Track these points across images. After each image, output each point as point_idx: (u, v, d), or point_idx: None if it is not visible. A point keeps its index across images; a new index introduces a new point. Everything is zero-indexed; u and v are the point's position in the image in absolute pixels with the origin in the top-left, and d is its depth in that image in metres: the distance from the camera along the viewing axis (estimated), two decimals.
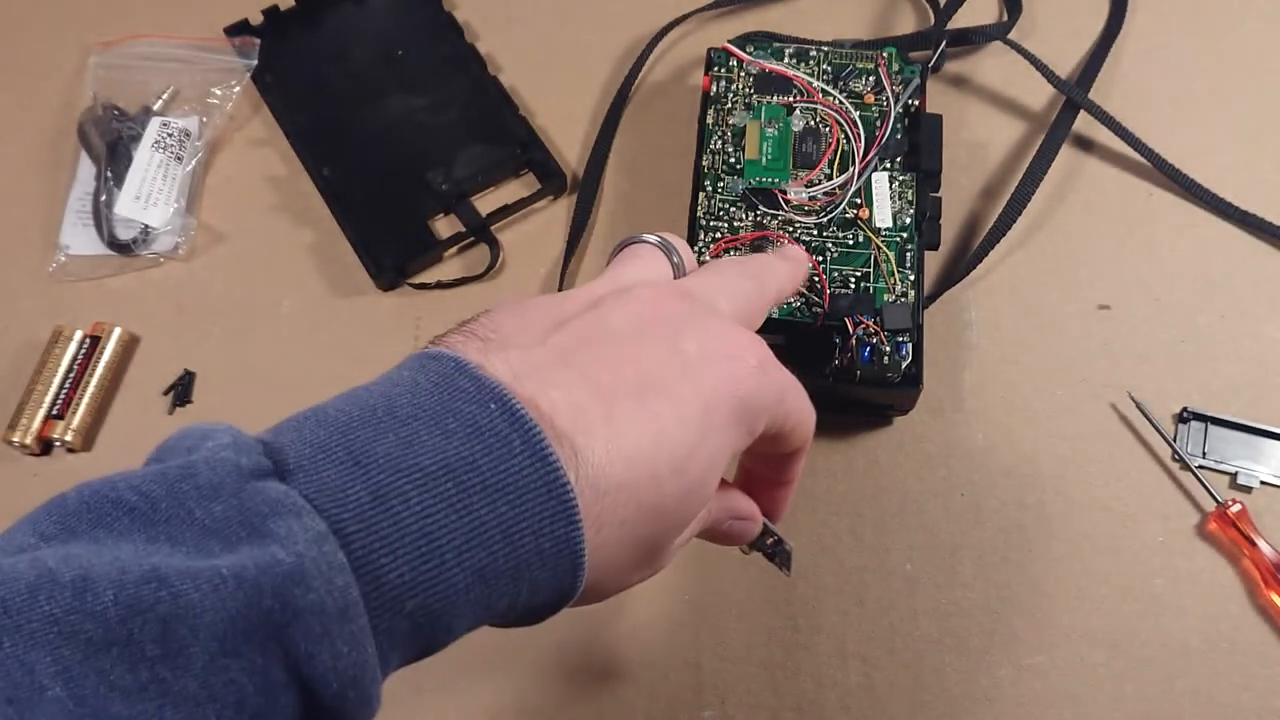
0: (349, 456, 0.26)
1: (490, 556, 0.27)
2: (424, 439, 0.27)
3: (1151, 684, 0.53)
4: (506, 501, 0.27)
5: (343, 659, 0.25)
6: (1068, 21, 0.67)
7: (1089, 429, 0.58)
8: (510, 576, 0.28)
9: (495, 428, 0.28)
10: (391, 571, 0.26)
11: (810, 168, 0.57)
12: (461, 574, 0.27)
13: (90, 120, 0.65)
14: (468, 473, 0.27)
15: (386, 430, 0.27)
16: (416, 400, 0.28)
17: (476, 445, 0.27)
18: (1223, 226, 0.62)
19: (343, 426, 0.27)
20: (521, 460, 0.27)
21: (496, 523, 0.27)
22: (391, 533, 0.26)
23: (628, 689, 0.54)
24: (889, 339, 0.54)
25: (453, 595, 0.27)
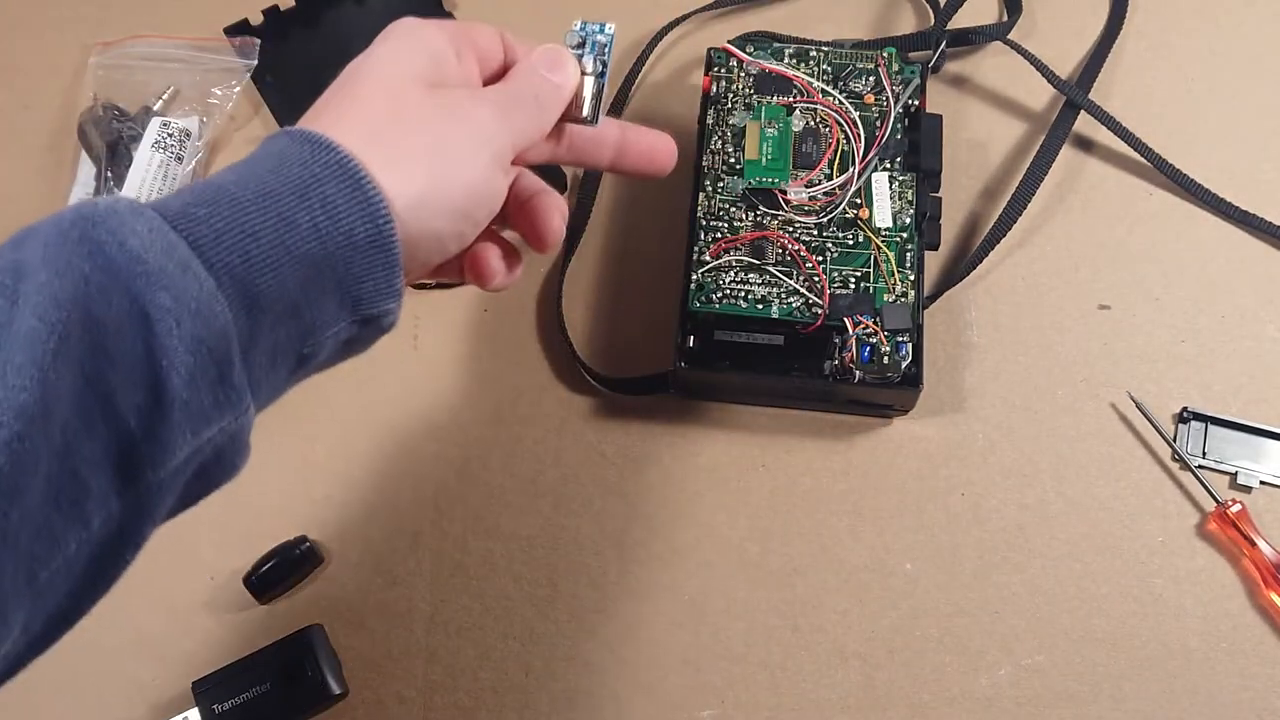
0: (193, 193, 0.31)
1: (273, 178, 0.31)
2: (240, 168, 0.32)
3: (1151, 684, 0.53)
4: (284, 163, 0.32)
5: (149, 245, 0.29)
6: (1068, 21, 0.67)
7: (1089, 429, 0.58)
8: (295, 192, 0.31)
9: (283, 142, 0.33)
10: (202, 223, 0.30)
11: (810, 168, 0.57)
12: (249, 196, 0.31)
13: (90, 120, 0.65)
14: (263, 164, 0.32)
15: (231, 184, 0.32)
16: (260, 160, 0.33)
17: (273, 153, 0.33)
18: (1223, 226, 0.62)
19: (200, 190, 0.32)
20: (297, 146, 0.32)
21: (273, 166, 0.32)
22: (198, 209, 0.30)
23: (628, 689, 0.54)
24: (889, 339, 0.54)
25: (245, 216, 0.30)
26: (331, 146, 0.32)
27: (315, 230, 0.31)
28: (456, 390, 0.59)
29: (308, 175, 0.31)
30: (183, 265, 0.29)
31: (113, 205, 0.29)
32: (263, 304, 0.30)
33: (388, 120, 0.34)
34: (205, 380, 0.29)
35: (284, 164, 0.32)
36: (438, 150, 0.34)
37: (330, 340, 0.33)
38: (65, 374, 0.26)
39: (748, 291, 0.56)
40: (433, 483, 0.58)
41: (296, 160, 0.32)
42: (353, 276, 0.32)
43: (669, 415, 0.59)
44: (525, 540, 0.57)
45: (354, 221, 0.31)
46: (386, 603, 0.56)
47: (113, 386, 0.27)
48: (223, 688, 0.52)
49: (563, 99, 0.38)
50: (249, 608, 0.55)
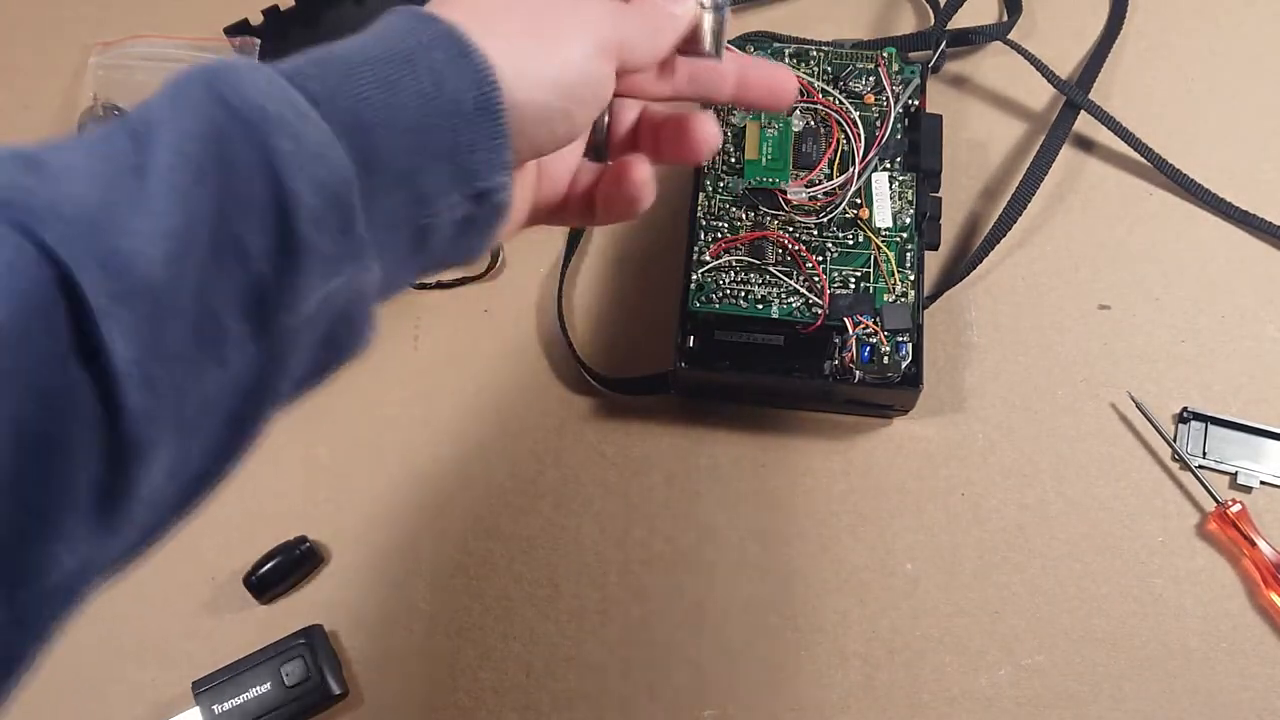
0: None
1: (381, 46, 0.32)
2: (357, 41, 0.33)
3: (1151, 684, 0.53)
4: (392, 32, 0.33)
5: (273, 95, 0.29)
6: (1068, 21, 0.67)
7: (1089, 429, 0.58)
8: (403, 58, 0.32)
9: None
10: (314, 80, 0.31)
11: (810, 168, 0.57)
12: (358, 60, 0.32)
13: (90, 120, 0.64)
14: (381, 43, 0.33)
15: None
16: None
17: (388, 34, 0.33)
18: (1223, 226, 0.62)
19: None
20: (405, 18, 0.33)
21: (382, 35, 0.33)
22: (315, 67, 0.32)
23: (628, 689, 0.54)
24: (889, 339, 0.54)
25: (355, 78, 0.31)
26: (437, 18, 0.33)
27: (422, 96, 0.31)
28: (456, 390, 0.59)
29: (414, 43, 0.32)
30: (301, 114, 0.29)
31: (230, 62, 0.30)
32: (375, 163, 0.30)
33: (494, 1, 0.34)
34: (330, 224, 0.29)
35: (392, 33, 0.33)
36: (540, 24, 0.34)
37: (447, 215, 0.33)
38: (202, 208, 0.27)
39: (748, 291, 0.56)
40: (433, 483, 0.58)
41: (405, 30, 0.32)
42: (463, 145, 0.32)
43: (669, 415, 0.59)
44: (525, 540, 0.57)
45: (460, 87, 0.32)
46: (386, 603, 0.56)
47: (242, 227, 0.28)
48: (223, 688, 0.52)
49: (678, 29, 0.38)
50: (249, 608, 0.55)
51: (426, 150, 0.31)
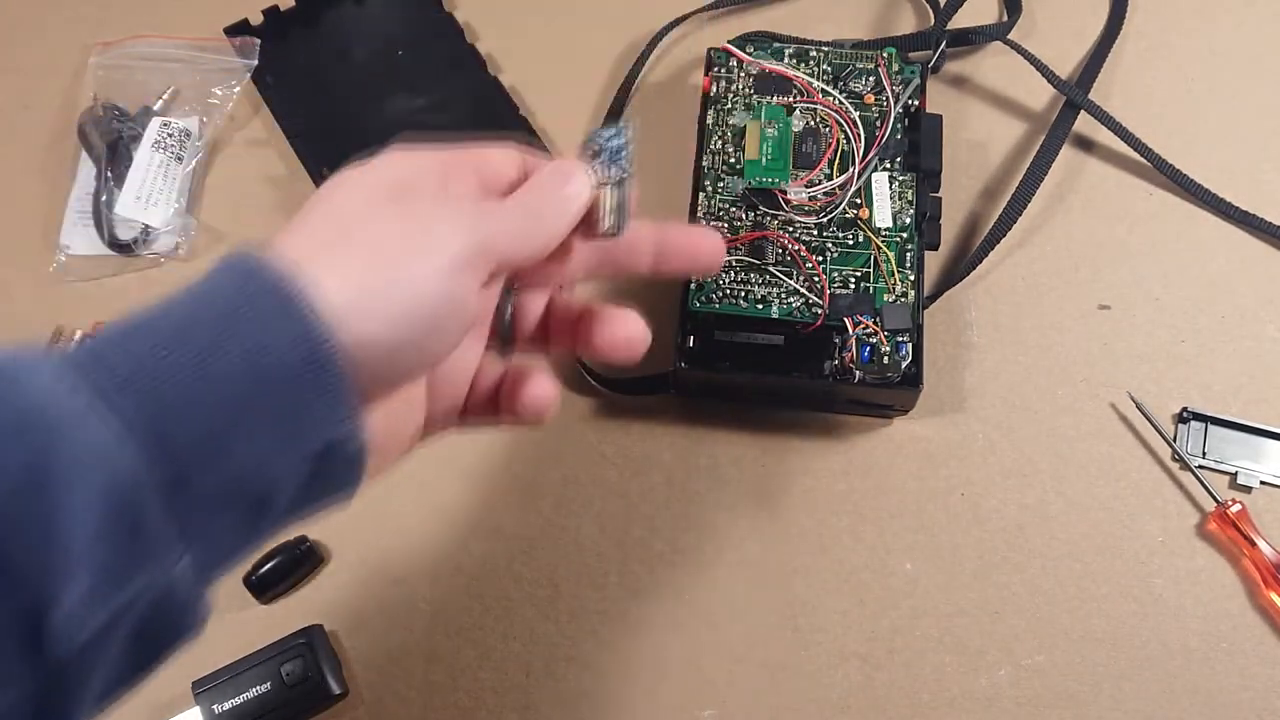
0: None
1: (200, 308, 0.30)
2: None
3: (1151, 684, 0.53)
4: (216, 288, 0.30)
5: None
6: (1068, 21, 0.67)
7: (1089, 429, 0.58)
8: (222, 321, 0.29)
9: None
10: (108, 368, 0.28)
11: (810, 168, 0.57)
12: (168, 331, 0.29)
13: (90, 120, 0.65)
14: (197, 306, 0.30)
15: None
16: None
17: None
18: (1223, 226, 0.62)
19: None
20: (232, 267, 0.30)
21: (204, 292, 0.30)
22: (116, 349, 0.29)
23: (628, 689, 0.54)
24: (889, 339, 0.54)
25: (159, 354, 0.28)
26: (264, 267, 0.30)
27: (244, 361, 0.28)
28: None
29: (239, 300, 0.29)
30: (85, 414, 0.27)
31: (18, 355, 0.28)
32: (182, 447, 0.28)
33: (337, 230, 0.32)
34: (115, 533, 0.27)
35: (216, 291, 0.30)
36: (384, 250, 0.31)
37: (289, 479, 0.30)
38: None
39: (748, 291, 0.56)
40: (432, 483, 0.58)
41: (229, 285, 0.30)
42: (293, 407, 0.29)
43: (669, 415, 0.59)
44: (526, 540, 0.57)
45: (285, 344, 0.29)
46: (387, 603, 0.56)
47: (11, 549, 0.25)
48: (223, 688, 0.52)
49: (570, 212, 0.35)
50: (249, 608, 0.55)
51: (250, 418, 0.29)
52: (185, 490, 0.28)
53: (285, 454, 0.30)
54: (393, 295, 0.31)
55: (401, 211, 0.32)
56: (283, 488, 0.30)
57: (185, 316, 0.29)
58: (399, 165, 0.34)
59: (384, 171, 0.34)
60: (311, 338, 0.29)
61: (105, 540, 0.26)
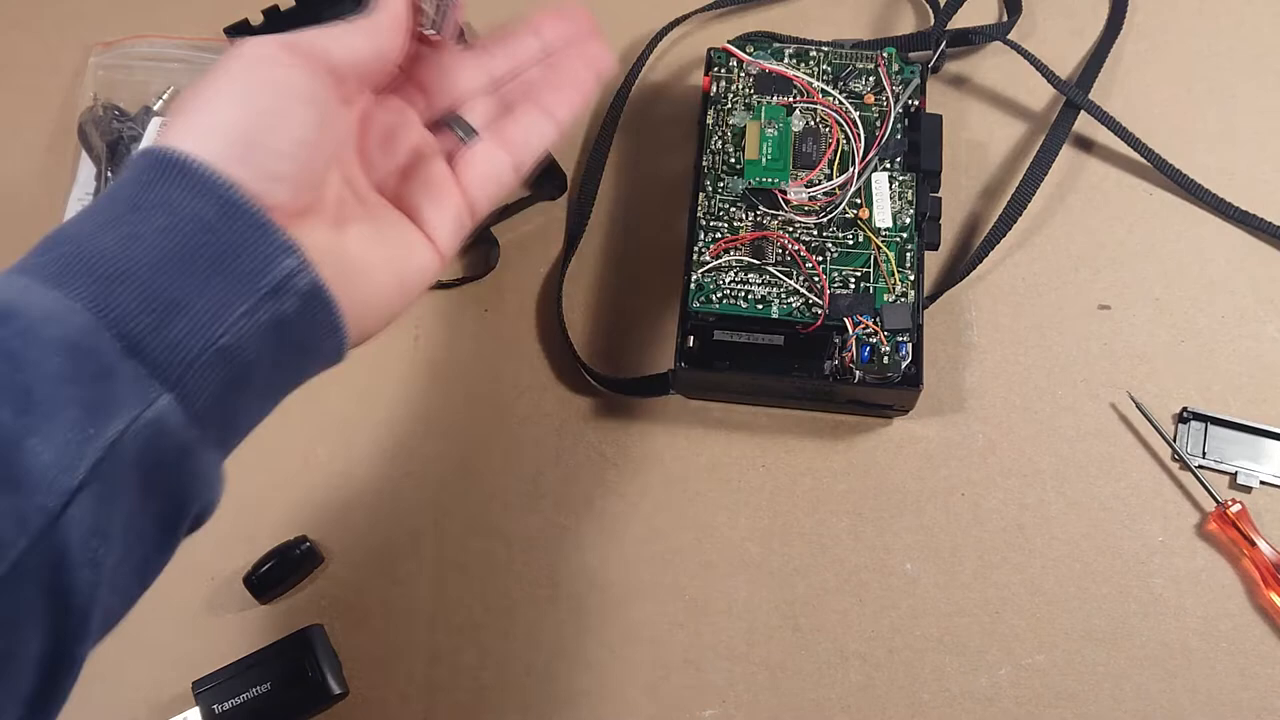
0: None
1: (107, 200, 0.32)
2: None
3: (1151, 684, 0.53)
4: (120, 182, 0.33)
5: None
6: (1068, 21, 0.67)
7: (1089, 429, 0.58)
8: (130, 204, 0.31)
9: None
10: (46, 263, 0.31)
11: (810, 168, 0.57)
12: (88, 218, 0.32)
13: (90, 120, 0.65)
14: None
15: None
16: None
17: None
18: (1223, 226, 0.62)
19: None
20: (134, 169, 0.33)
21: (112, 189, 0.33)
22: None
23: (628, 689, 0.54)
24: (889, 339, 0.54)
25: (89, 240, 0.31)
26: (153, 152, 0.32)
27: (165, 233, 0.31)
28: (456, 390, 0.59)
29: (143, 187, 0.32)
30: (25, 290, 0.29)
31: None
32: (129, 313, 0.30)
33: (204, 104, 0.34)
34: (82, 374, 0.28)
35: (121, 185, 0.32)
36: (244, 96, 0.34)
37: (249, 325, 0.32)
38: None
39: (748, 291, 0.56)
40: (433, 483, 0.58)
41: (132, 179, 0.32)
42: (224, 253, 0.31)
43: (669, 415, 0.59)
44: (526, 540, 0.57)
45: (196, 207, 0.31)
46: (387, 603, 0.56)
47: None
48: (223, 688, 0.52)
49: (390, 9, 0.38)
50: (249, 608, 0.55)
51: (188, 278, 0.31)
52: (142, 344, 0.30)
53: (231, 301, 0.31)
54: (264, 130, 0.33)
55: (260, 68, 0.35)
56: (244, 335, 0.31)
57: (101, 212, 0.32)
58: (258, 45, 0.36)
59: (243, 50, 0.36)
60: (216, 192, 0.32)
61: (73, 380, 0.28)
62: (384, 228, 0.38)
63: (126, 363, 0.29)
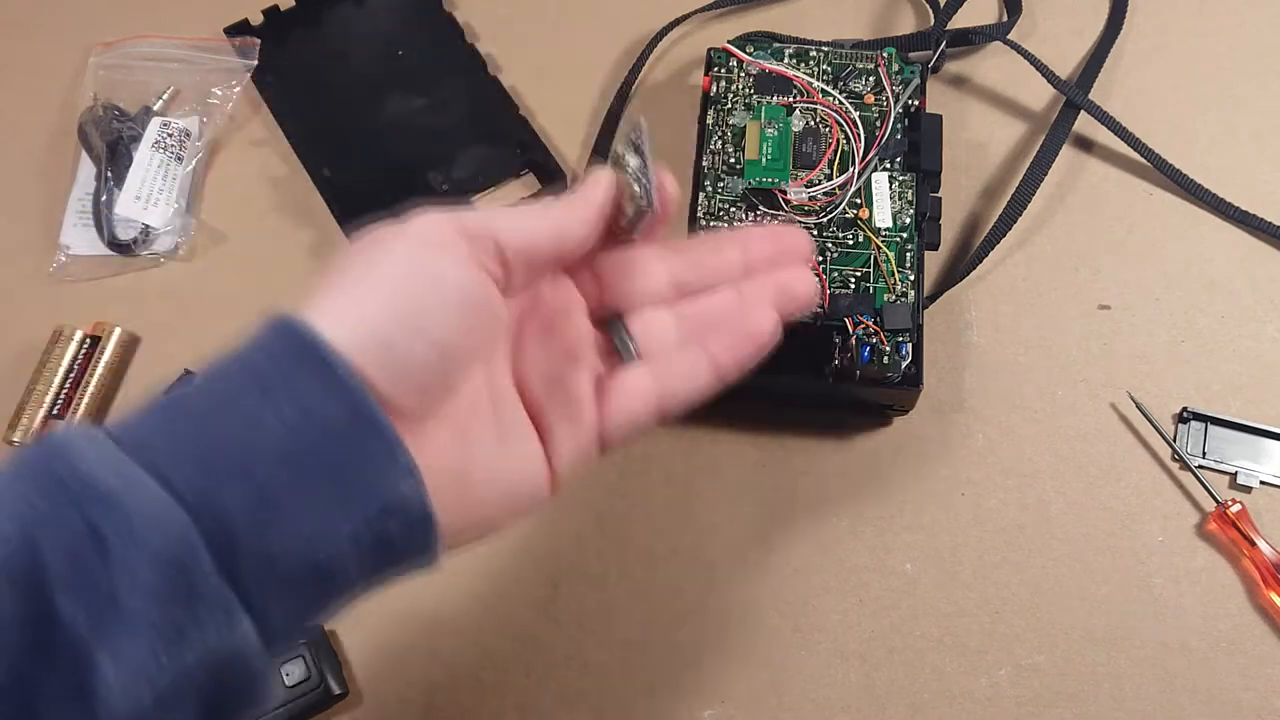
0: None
1: (238, 374, 0.30)
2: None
3: (1151, 684, 0.53)
4: (250, 354, 0.31)
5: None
6: (1068, 21, 0.67)
7: (1089, 429, 0.58)
8: (259, 388, 0.29)
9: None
10: (151, 447, 0.29)
11: (810, 168, 0.57)
12: (209, 403, 0.30)
13: (90, 120, 0.65)
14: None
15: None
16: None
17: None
18: (1223, 226, 0.62)
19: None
20: (267, 332, 0.31)
21: (240, 359, 0.31)
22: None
23: (628, 689, 0.54)
24: (889, 339, 0.54)
25: (203, 425, 0.29)
26: (294, 333, 0.30)
27: (286, 428, 0.29)
28: None
29: (275, 370, 0.30)
30: (135, 483, 0.27)
31: (65, 436, 0.28)
32: (232, 517, 0.28)
33: (359, 280, 0.32)
34: (172, 593, 0.27)
35: (251, 361, 0.30)
36: (393, 288, 0.31)
37: (349, 546, 0.29)
38: (10, 588, 0.26)
39: None
40: None
41: (264, 355, 0.30)
42: (343, 467, 0.29)
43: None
44: (526, 540, 0.57)
45: (328, 407, 0.29)
46: (387, 603, 0.55)
47: (64, 613, 0.26)
48: None
49: (584, 196, 0.35)
50: None
51: (299, 486, 0.29)
52: (238, 558, 0.28)
53: (339, 519, 0.29)
54: (421, 330, 0.31)
55: (419, 255, 0.32)
56: (344, 555, 0.30)
57: (224, 392, 0.30)
58: (425, 224, 0.33)
59: (409, 228, 0.33)
60: (352, 399, 0.29)
61: (161, 598, 0.27)
62: (510, 441, 0.35)
63: (216, 585, 0.27)
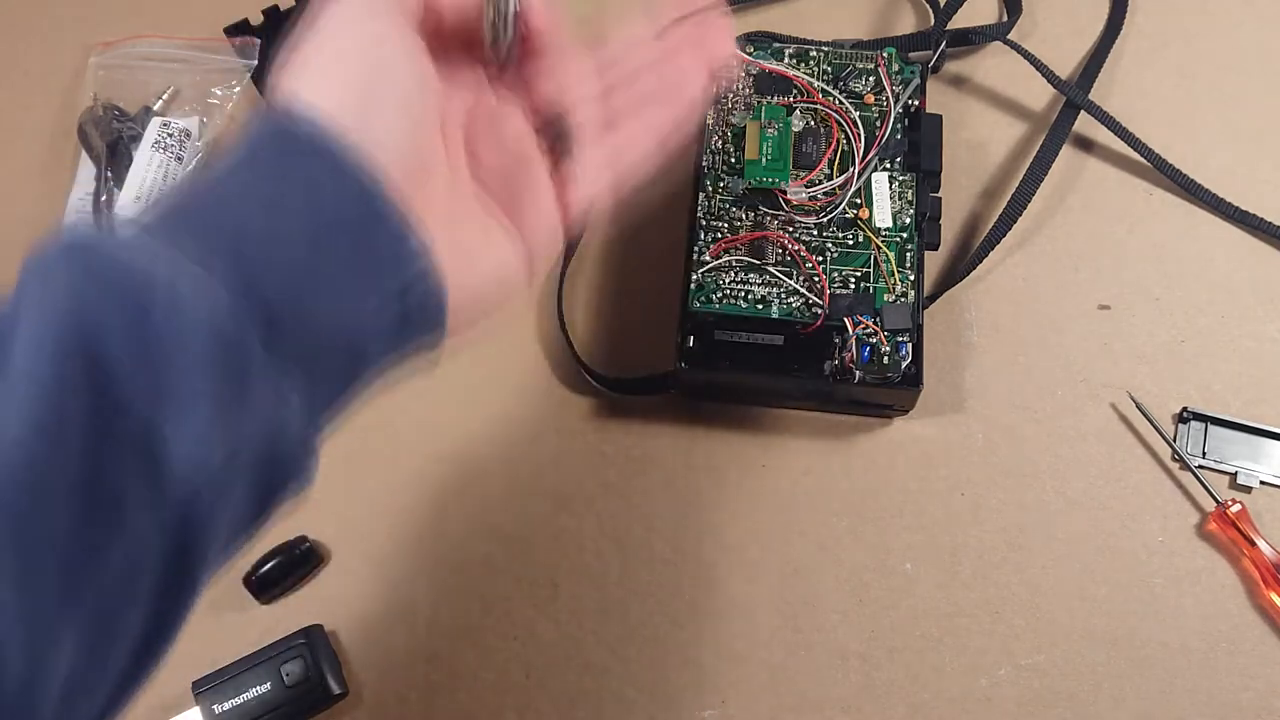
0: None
1: (248, 172, 0.31)
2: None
3: (1151, 684, 0.53)
4: (256, 152, 0.31)
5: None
6: (1068, 21, 0.67)
7: (1089, 429, 0.58)
8: (279, 179, 0.30)
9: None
10: (183, 230, 0.30)
11: (810, 168, 0.57)
12: (229, 195, 0.30)
13: (90, 120, 0.65)
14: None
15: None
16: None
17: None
18: (1223, 226, 0.62)
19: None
20: (273, 133, 0.31)
21: (246, 158, 0.31)
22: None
23: (628, 689, 0.54)
24: (889, 339, 0.54)
25: (228, 213, 0.30)
26: (294, 121, 0.31)
27: (303, 215, 0.30)
28: (456, 390, 0.59)
29: (283, 159, 0.31)
30: (173, 265, 0.28)
31: (90, 231, 0.29)
32: (270, 298, 0.29)
33: (333, 61, 0.33)
34: (225, 369, 0.28)
35: (259, 152, 0.31)
36: (352, 64, 0.32)
37: (376, 325, 0.31)
38: (71, 388, 0.26)
39: (748, 291, 0.56)
40: (433, 483, 0.58)
41: (269, 144, 0.31)
42: (364, 250, 0.30)
43: (669, 415, 0.59)
44: (526, 540, 0.57)
45: (341, 195, 0.30)
46: (386, 603, 0.56)
47: (126, 393, 0.27)
48: (223, 688, 0.52)
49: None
50: (249, 608, 0.55)
51: (327, 269, 0.30)
52: (281, 336, 0.29)
53: (367, 298, 0.31)
54: (384, 112, 0.32)
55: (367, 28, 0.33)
56: (372, 334, 0.31)
57: (239, 174, 0.30)
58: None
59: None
60: (361, 179, 0.30)
61: (215, 372, 0.27)
62: (482, 233, 0.36)
63: (264, 358, 0.29)
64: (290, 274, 0.30)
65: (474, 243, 0.35)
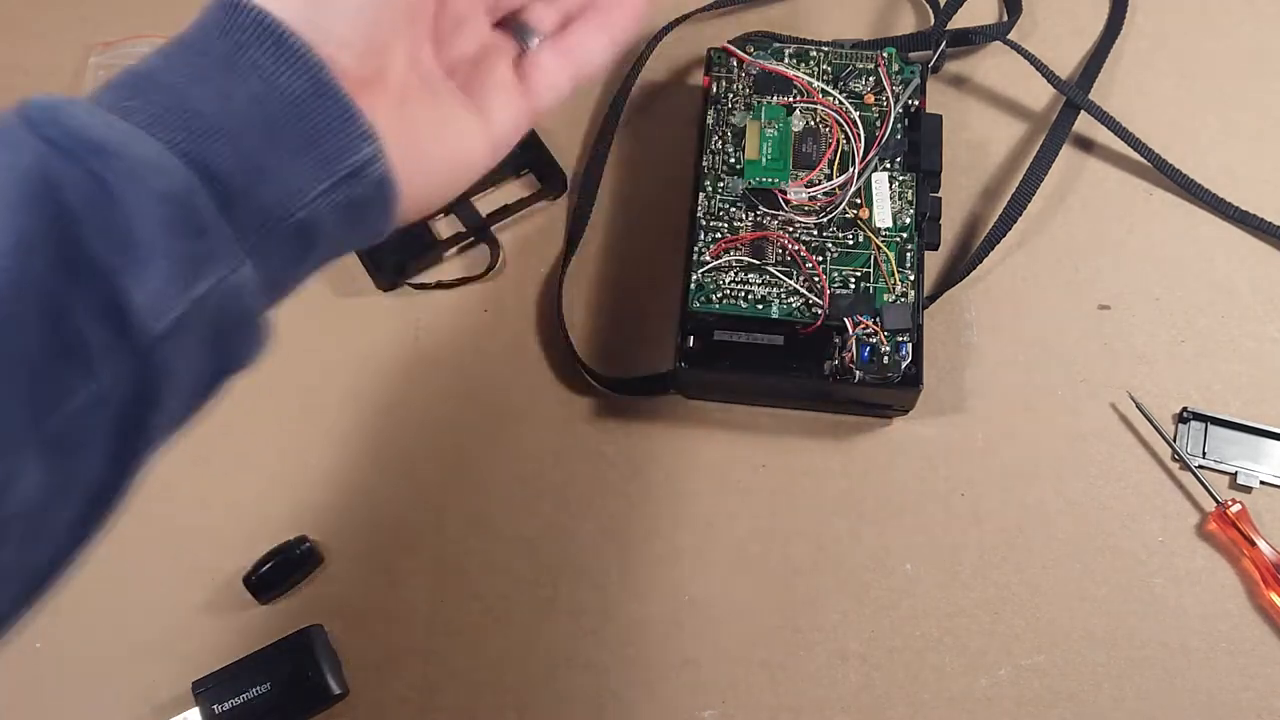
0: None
1: (199, 57, 0.32)
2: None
3: (1151, 684, 0.53)
4: (206, 36, 0.32)
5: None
6: (1068, 21, 0.67)
7: (1089, 429, 0.58)
8: (224, 66, 0.31)
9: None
10: (137, 111, 0.31)
11: (810, 168, 0.57)
12: (179, 79, 0.31)
13: None
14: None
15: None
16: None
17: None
18: (1223, 226, 0.62)
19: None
20: (216, 13, 0.32)
21: (196, 42, 0.32)
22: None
23: (628, 689, 0.54)
24: (889, 339, 0.54)
25: (180, 97, 0.31)
26: (243, 8, 0.32)
27: (253, 98, 0.31)
28: (456, 390, 0.59)
29: (230, 45, 0.31)
30: (129, 134, 0.29)
31: (46, 99, 0.31)
32: (222, 172, 0.30)
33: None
34: (182, 228, 0.29)
35: (207, 38, 0.32)
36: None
37: (324, 204, 0.32)
38: (37, 234, 0.27)
39: (748, 291, 0.56)
40: (432, 483, 0.58)
41: (216, 30, 0.32)
42: (312, 133, 0.32)
43: (669, 415, 0.59)
44: (525, 540, 0.57)
45: (290, 80, 0.31)
46: (386, 603, 0.56)
47: (89, 243, 0.28)
48: (223, 688, 0.52)
49: None
50: (249, 608, 0.55)
51: (276, 145, 0.31)
52: (234, 207, 0.30)
53: (315, 180, 0.32)
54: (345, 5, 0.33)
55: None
56: (320, 214, 0.32)
57: (189, 63, 0.31)
58: None
59: None
60: (309, 70, 0.32)
61: (173, 232, 0.29)
62: (445, 112, 0.37)
63: (220, 223, 0.30)
64: (242, 154, 0.31)
65: (436, 123, 0.37)
